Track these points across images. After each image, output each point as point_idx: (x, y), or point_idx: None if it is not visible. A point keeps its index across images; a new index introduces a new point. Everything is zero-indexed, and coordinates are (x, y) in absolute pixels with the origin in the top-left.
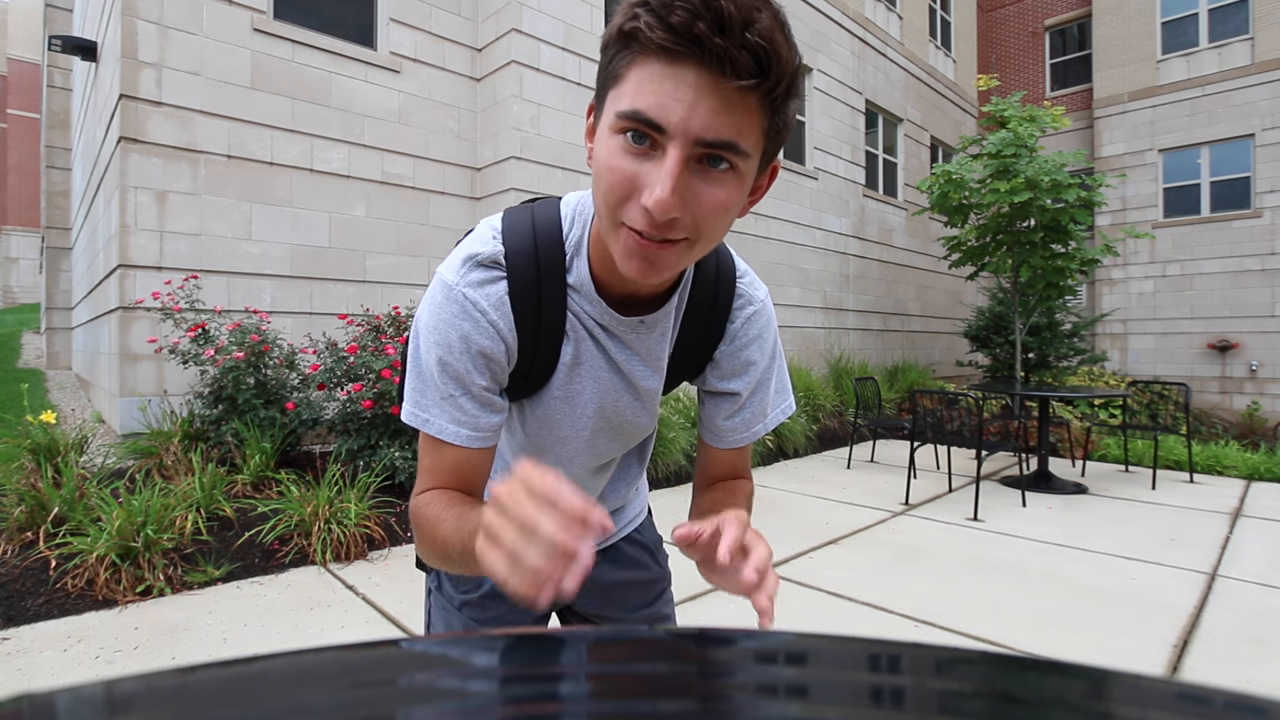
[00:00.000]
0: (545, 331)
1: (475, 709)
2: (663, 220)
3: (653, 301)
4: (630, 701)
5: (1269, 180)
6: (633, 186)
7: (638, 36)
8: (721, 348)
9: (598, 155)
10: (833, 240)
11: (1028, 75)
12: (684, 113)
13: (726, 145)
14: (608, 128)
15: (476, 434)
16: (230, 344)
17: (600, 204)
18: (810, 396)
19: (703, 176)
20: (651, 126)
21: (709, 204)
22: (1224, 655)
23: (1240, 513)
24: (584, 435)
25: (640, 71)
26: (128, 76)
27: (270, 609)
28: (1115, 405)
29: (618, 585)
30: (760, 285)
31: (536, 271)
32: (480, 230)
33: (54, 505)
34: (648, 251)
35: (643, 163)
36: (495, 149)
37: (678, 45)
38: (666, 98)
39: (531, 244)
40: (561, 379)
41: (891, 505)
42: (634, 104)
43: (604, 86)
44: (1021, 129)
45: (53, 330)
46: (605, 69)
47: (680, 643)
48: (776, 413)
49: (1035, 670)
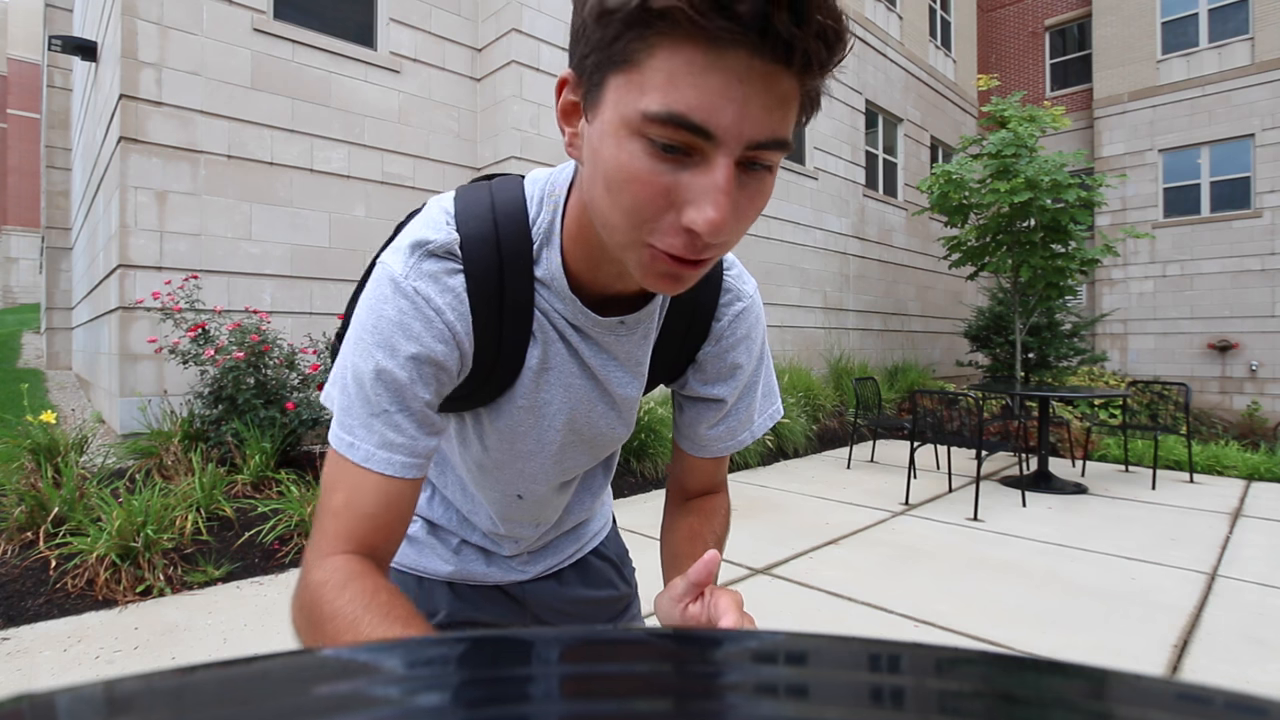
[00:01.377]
0: (508, 333)
1: (477, 709)
2: (714, 242)
3: (633, 300)
4: (630, 702)
5: (1269, 180)
6: (667, 202)
7: (670, 18)
8: (706, 348)
9: (603, 156)
10: (833, 240)
11: (1028, 75)
12: (736, 113)
13: (777, 143)
14: (621, 125)
15: (411, 460)
16: (230, 344)
17: (615, 218)
18: (810, 396)
19: (745, 182)
20: (696, 132)
21: (749, 210)
22: (1224, 655)
23: (1240, 513)
24: (551, 450)
25: (672, 61)
26: (128, 76)
27: (270, 609)
28: (1115, 405)
29: (585, 603)
30: (749, 278)
31: (499, 263)
32: (430, 212)
33: (54, 505)
34: (682, 272)
35: (678, 172)
36: (495, 149)
37: (732, 33)
38: (714, 96)
39: (492, 230)
40: (527, 386)
41: (891, 505)
42: (669, 104)
43: (603, 65)
44: (1021, 129)
45: (53, 330)
46: (607, 46)
47: (678, 643)
48: (764, 419)
49: (1035, 670)
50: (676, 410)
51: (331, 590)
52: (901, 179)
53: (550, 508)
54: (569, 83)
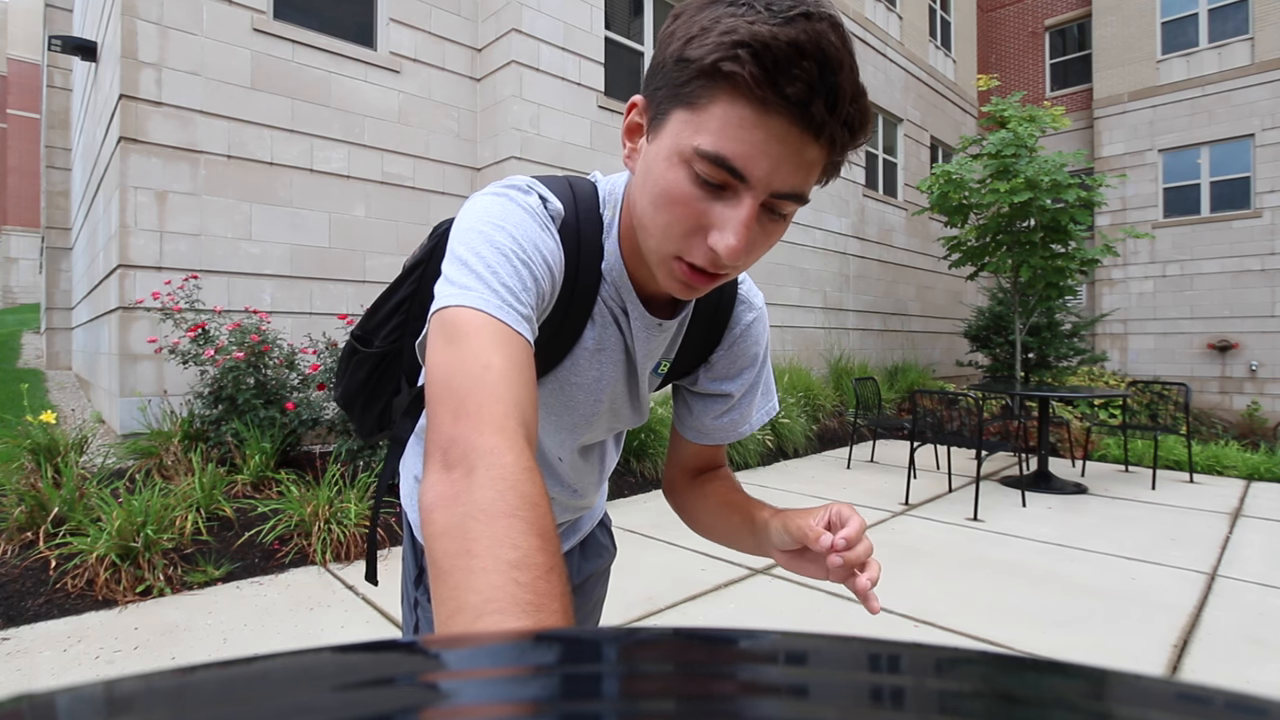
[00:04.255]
0: (574, 310)
1: (479, 709)
2: (730, 265)
3: (663, 303)
4: (630, 703)
5: (1269, 180)
6: (699, 225)
7: (734, 80)
8: (719, 352)
9: (655, 174)
10: (832, 240)
11: (1028, 75)
12: (769, 167)
13: (796, 197)
14: (677, 154)
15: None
16: (230, 344)
17: (657, 230)
18: (810, 396)
19: (763, 222)
20: (733, 174)
21: (762, 246)
22: (1224, 655)
23: (1240, 513)
24: (591, 420)
25: (728, 112)
26: (128, 76)
27: (270, 609)
28: (1115, 405)
29: (590, 578)
30: (758, 292)
31: (578, 243)
32: (518, 180)
33: (54, 505)
34: (697, 284)
35: (713, 202)
36: (495, 149)
37: (780, 105)
38: (755, 149)
39: (574, 213)
40: (582, 365)
41: (891, 505)
42: (719, 148)
43: (671, 100)
44: (1021, 129)
45: (53, 330)
46: (679, 86)
47: (679, 643)
48: (760, 414)
49: (1035, 670)
50: (680, 404)
51: (538, 489)
52: (901, 179)
53: (580, 479)
54: (638, 106)
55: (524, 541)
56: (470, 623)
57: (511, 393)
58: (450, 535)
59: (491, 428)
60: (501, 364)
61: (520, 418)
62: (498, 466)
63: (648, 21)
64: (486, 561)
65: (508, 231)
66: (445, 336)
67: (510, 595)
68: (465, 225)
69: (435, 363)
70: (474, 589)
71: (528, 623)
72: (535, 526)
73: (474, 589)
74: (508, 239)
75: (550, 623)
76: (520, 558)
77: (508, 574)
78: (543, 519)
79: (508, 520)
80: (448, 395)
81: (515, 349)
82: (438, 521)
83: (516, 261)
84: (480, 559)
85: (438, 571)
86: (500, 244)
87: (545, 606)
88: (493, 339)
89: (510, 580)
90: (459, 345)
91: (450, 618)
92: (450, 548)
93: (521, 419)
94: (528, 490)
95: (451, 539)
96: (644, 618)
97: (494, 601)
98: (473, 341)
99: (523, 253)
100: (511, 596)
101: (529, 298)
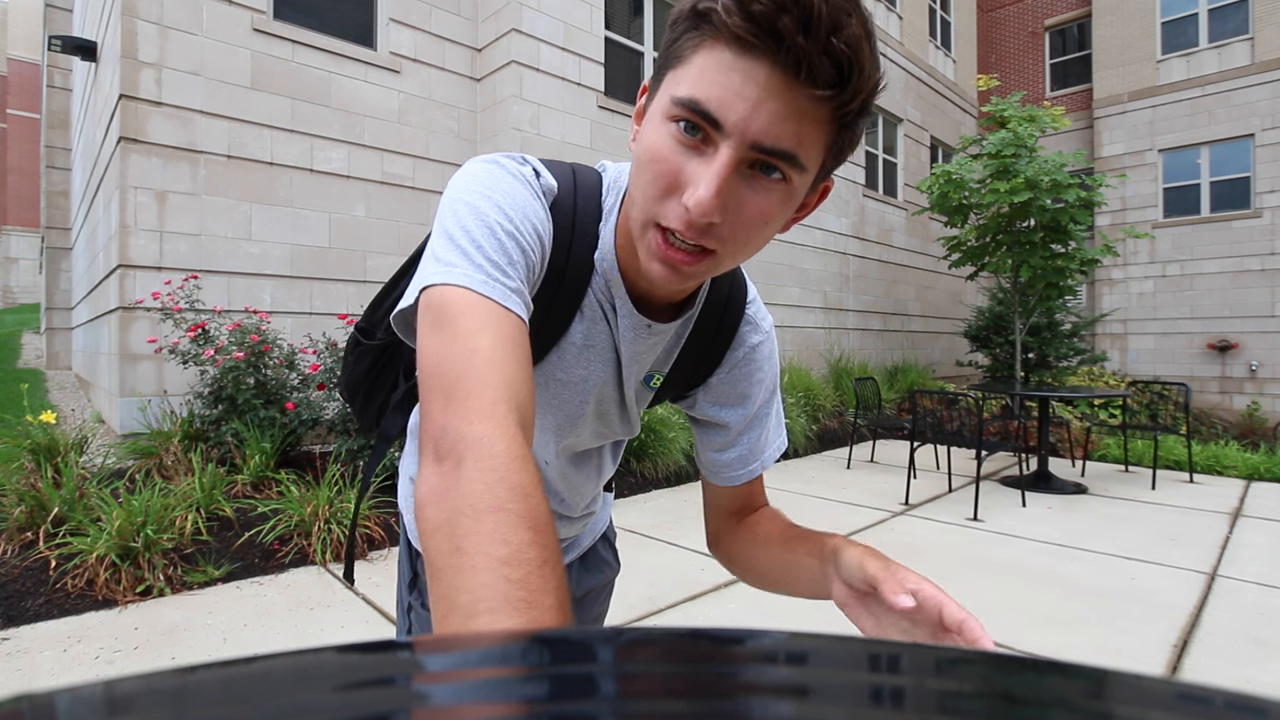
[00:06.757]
0: (561, 300)
1: (480, 709)
2: (701, 223)
3: (664, 309)
4: (625, 703)
5: (1269, 180)
6: (676, 182)
7: (711, 18)
8: (719, 374)
9: (644, 140)
10: (832, 240)
11: (1028, 75)
12: (746, 111)
13: (784, 155)
14: (661, 112)
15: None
16: (230, 344)
17: (638, 194)
18: (810, 396)
19: (750, 183)
20: (707, 120)
21: (751, 213)
22: (1224, 655)
23: (1240, 513)
24: (576, 420)
25: (707, 57)
26: (128, 76)
27: (270, 609)
28: (1115, 405)
29: (590, 592)
30: (767, 315)
31: (571, 225)
32: (514, 153)
33: (54, 505)
34: (673, 261)
35: (692, 157)
36: (495, 149)
37: (754, 37)
38: (730, 92)
39: (571, 195)
40: (569, 361)
41: (891, 505)
42: (693, 92)
43: (664, 65)
44: (1021, 129)
45: (53, 330)
46: (669, 47)
47: (681, 642)
48: (771, 450)
49: (1035, 670)
50: (695, 435)
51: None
52: (901, 179)
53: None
54: (645, 89)
55: (514, 536)
56: (463, 623)
57: (501, 375)
58: (442, 532)
59: (480, 415)
60: (490, 345)
61: (512, 401)
62: (486, 458)
63: (648, 21)
64: (477, 559)
65: (494, 201)
66: (432, 320)
67: (502, 593)
68: (452, 196)
69: (424, 348)
70: (465, 588)
71: (521, 621)
72: (527, 519)
73: (465, 588)
74: (494, 209)
75: (544, 620)
76: (511, 554)
77: (498, 571)
78: (535, 510)
79: (496, 515)
80: (437, 382)
81: (505, 327)
82: (430, 518)
83: (502, 233)
84: (470, 556)
85: (433, 570)
86: (485, 214)
87: (539, 603)
88: (480, 319)
89: (501, 578)
90: (445, 328)
91: (444, 618)
92: (442, 545)
93: (513, 402)
94: (518, 481)
95: (443, 536)
96: (644, 618)
97: (485, 601)
98: (459, 324)
99: (509, 223)
100: (503, 595)
101: (517, 271)
